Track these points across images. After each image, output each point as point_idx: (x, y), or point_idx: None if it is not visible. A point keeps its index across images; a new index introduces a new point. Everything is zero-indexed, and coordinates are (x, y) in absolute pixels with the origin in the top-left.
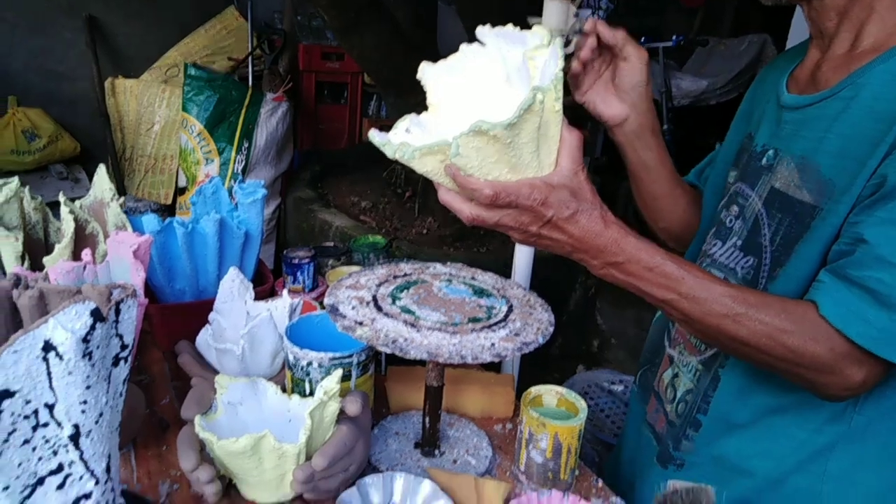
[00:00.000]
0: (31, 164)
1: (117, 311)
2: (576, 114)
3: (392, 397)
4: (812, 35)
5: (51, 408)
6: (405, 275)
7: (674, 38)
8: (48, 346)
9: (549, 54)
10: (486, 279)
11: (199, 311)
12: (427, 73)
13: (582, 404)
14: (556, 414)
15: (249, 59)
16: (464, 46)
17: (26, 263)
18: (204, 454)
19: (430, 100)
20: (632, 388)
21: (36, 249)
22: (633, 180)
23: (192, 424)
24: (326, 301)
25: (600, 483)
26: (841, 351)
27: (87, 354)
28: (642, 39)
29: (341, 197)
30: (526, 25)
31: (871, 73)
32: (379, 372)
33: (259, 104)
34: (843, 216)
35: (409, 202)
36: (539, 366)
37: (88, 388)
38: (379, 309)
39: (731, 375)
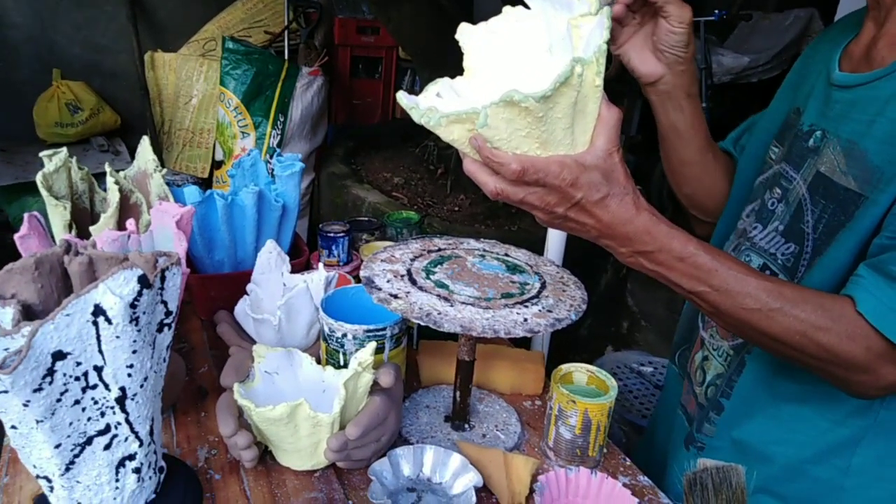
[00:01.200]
0: (73, 136)
1: (162, 279)
2: (613, 90)
3: (423, 371)
4: (868, 6)
5: (99, 370)
6: (439, 250)
7: (716, 12)
8: (98, 311)
9: (594, 23)
10: (520, 255)
11: (237, 281)
12: (465, 34)
13: (612, 382)
14: (586, 391)
15: (285, 32)
16: (507, 9)
17: (73, 231)
18: (242, 421)
19: (466, 63)
20: (669, 367)
21: (83, 218)
22: (662, 142)
23: (231, 392)
24: (362, 274)
25: (628, 461)
26: (878, 350)
27: (135, 319)
28: None
29: (374, 173)
30: None
31: None
32: (411, 346)
33: (295, 78)
34: (885, 206)
35: (441, 179)
36: (568, 346)
37: (135, 352)
38: (413, 282)
39: (757, 362)
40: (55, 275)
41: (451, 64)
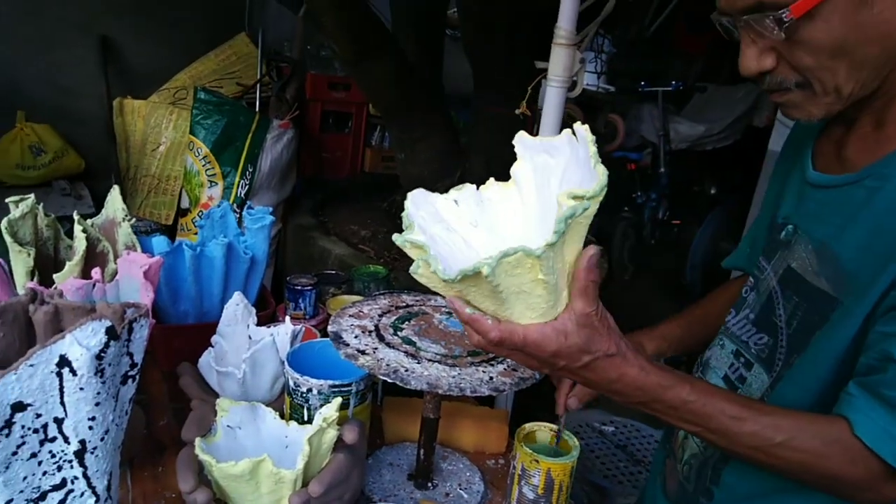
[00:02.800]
0: (35, 179)
1: (129, 330)
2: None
3: (388, 428)
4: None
5: (60, 423)
6: (407, 306)
7: (672, 83)
8: (63, 362)
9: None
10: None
11: (201, 333)
12: (521, 143)
13: (575, 442)
14: (550, 451)
15: (258, 85)
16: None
17: (36, 278)
18: (202, 476)
19: (513, 171)
20: (657, 451)
21: (46, 265)
22: None
23: (192, 446)
24: (330, 329)
25: None
26: (878, 471)
27: (100, 371)
28: (642, 84)
29: (341, 225)
30: (535, 70)
31: None
32: (375, 402)
33: (265, 130)
34: (863, 316)
35: None
36: (532, 402)
37: (98, 404)
38: (381, 339)
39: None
40: (18, 324)
41: (418, 121)
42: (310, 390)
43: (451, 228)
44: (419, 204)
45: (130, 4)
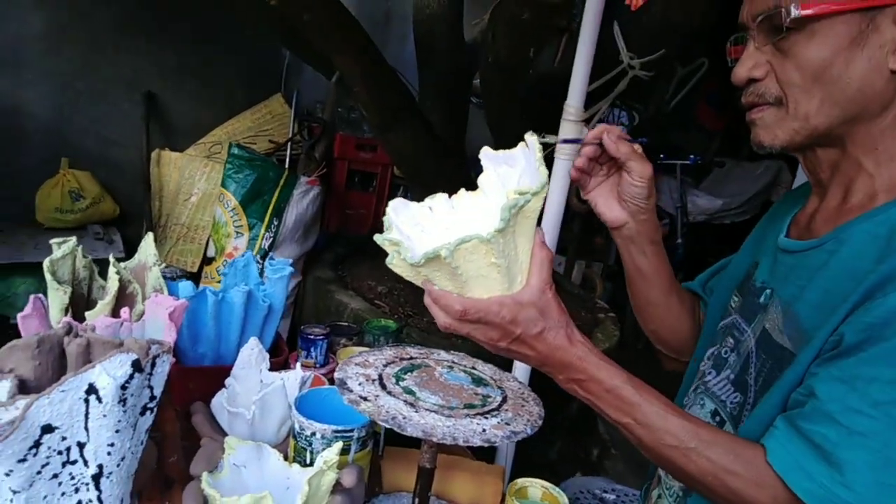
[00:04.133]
0: (72, 222)
1: (153, 364)
2: (597, 222)
3: (386, 476)
4: (811, 183)
5: (82, 447)
6: (411, 358)
7: (691, 157)
8: (91, 389)
9: (524, 164)
10: (486, 370)
11: (216, 375)
12: (485, 157)
13: (564, 499)
14: None
15: (289, 143)
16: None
17: (69, 314)
18: None
19: (479, 181)
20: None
21: (79, 302)
22: (628, 283)
23: (199, 480)
24: (336, 375)
25: None
26: (783, 500)
27: (122, 401)
28: (661, 156)
29: (359, 280)
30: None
31: (852, 229)
32: (376, 451)
33: (293, 186)
34: (807, 363)
35: (422, 291)
36: (537, 468)
37: (118, 431)
38: (383, 387)
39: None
40: (53, 354)
41: (441, 185)
42: (314, 434)
43: (425, 230)
44: (399, 211)
45: (176, 64)
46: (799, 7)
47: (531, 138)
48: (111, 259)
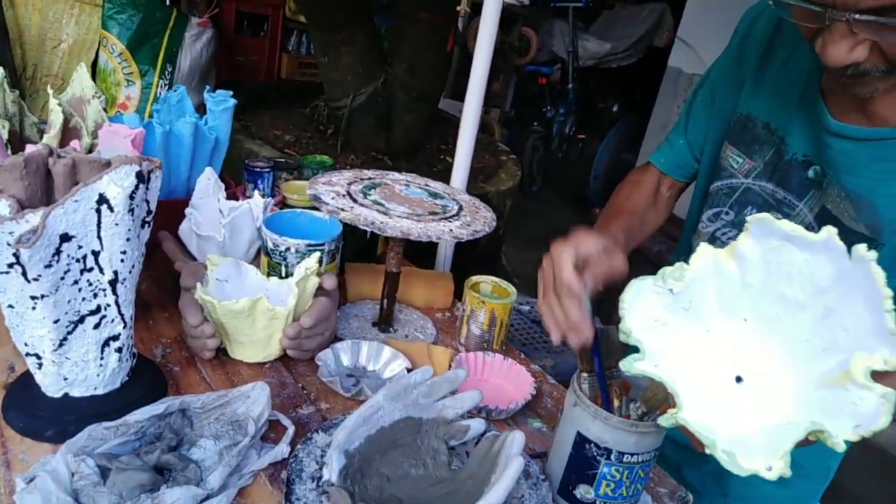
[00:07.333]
0: None
1: (147, 179)
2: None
3: (350, 288)
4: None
5: (96, 255)
6: (370, 178)
7: None
8: (102, 199)
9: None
10: (437, 186)
11: (172, 207)
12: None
13: (512, 289)
14: (492, 296)
15: None
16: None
17: (9, 150)
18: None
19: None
20: None
21: (13, 140)
22: None
23: (192, 291)
24: (309, 192)
25: (522, 355)
26: None
27: (130, 210)
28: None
29: (264, 130)
30: None
31: None
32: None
33: (184, 28)
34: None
35: (332, 139)
36: (466, 266)
37: (128, 240)
38: (354, 200)
39: None
40: (39, 174)
41: (343, 22)
42: (288, 249)
43: (668, 324)
44: (632, 305)
45: None
46: None
47: (865, 253)
48: (50, 92)
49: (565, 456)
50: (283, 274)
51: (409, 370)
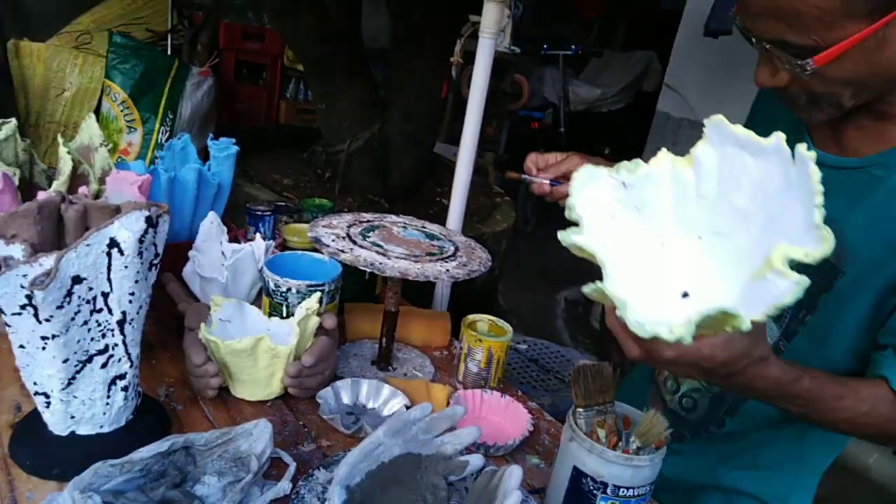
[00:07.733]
0: None
1: (156, 224)
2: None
3: (349, 328)
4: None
5: (106, 296)
6: (368, 221)
7: (572, 47)
8: (113, 243)
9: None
10: (434, 228)
11: (176, 250)
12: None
13: (508, 327)
14: (489, 336)
15: (169, 33)
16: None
17: (19, 197)
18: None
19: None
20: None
21: (23, 188)
22: None
23: (196, 332)
24: (310, 235)
25: (520, 393)
26: None
27: (140, 253)
28: (544, 47)
29: (263, 174)
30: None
31: None
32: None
33: (185, 77)
34: (876, 291)
35: (329, 182)
36: (463, 306)
37: (136, 282)
38: (354, 242)
39: None
40: (52, 220)
41: (339, 73)
42: (289, 290)
43: (615, 216)
44: (583, 186)
45: None
46: (812, 63)
47: (806, 153)
48: (60, 140)
49: (562, 491)
50: (285, 314)
51: (407, 408)
